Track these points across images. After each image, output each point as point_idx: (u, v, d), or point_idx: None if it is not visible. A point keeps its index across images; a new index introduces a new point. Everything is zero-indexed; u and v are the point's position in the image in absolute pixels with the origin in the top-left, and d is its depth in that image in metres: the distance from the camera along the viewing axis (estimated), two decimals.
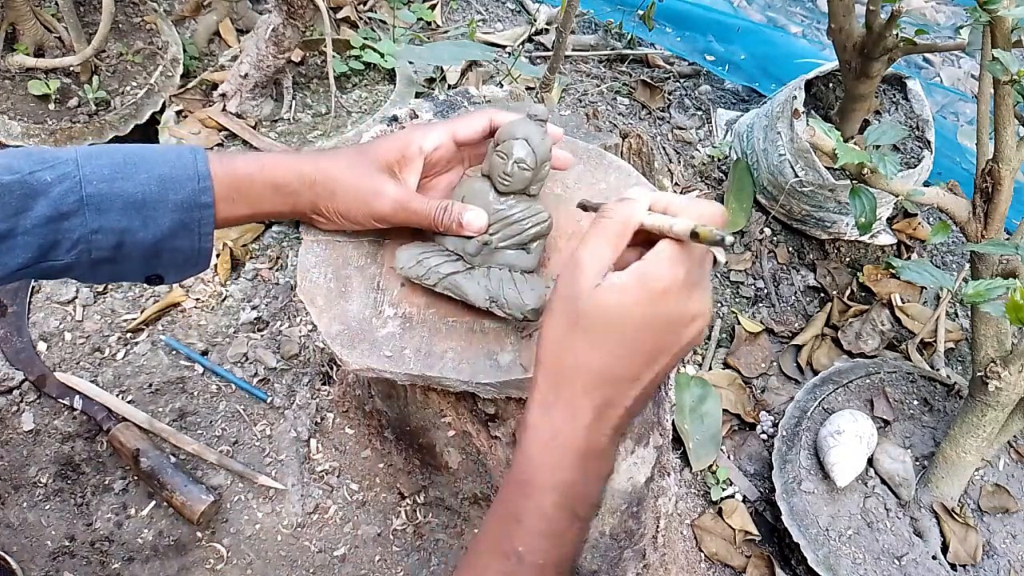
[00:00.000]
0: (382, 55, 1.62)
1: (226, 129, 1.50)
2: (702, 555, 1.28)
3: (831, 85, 1.65)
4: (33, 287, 1.38)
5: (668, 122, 1.88)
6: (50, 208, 0.68)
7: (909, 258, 1.68)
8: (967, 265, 1.55)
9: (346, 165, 0.78)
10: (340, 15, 1.83)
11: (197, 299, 1.40)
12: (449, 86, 1.82)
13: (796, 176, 1.52)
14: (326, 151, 0.82)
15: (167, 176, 0.72)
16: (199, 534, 1.17)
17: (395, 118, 1.04)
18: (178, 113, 1.54)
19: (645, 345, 0.59)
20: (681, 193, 1.59)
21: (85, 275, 0.74)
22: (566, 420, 0.60)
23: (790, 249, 1.66)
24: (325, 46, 1.42)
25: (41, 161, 0.69)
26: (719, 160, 1.77)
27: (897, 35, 1.34)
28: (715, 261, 0.61)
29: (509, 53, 1.96)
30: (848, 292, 1.61)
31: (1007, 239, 1.04)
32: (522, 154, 0.75)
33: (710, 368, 1.50)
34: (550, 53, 1.94)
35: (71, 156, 0.70)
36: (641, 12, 2.10)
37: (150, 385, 1.29)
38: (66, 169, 0.69)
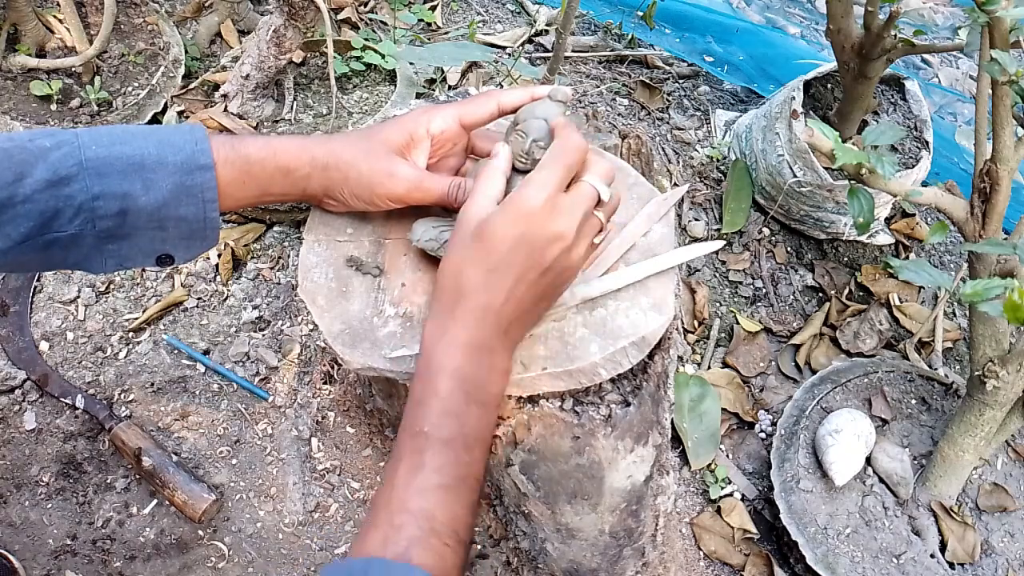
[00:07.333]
0: (383, 56, 1.62)
1: (227, 130, 1.50)
2: (701, 553, 1.29)
3: (829, 86, 1.66)
4: (35, 287, 1.39)
5: (667, 123, 1.88)
6: (49, 172, 0.69)
7: (907, 258, 1.68)
8: (965, 265, 1.56)
9: (358, 149, 0.79)
10: (341, 16, 1.84)
11: (199, 298, 1.40)
12: (450, 87, 1.82)
13: (794, 176, 1.52)
14: (335, 135, 0.83)
15: (164, 140, 0.73)
16: (201, 532, 1.17)
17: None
18: (180, 114, 1.55)
19: (515, 261, 0.70)
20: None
21: (92, 257, 0.74)
22: (453, 321, 0.71)
23: (788, 249, 1.67)
24: (326, 47, 1.42)
25: (42, 132, 0.72)
26: (718, 160, 1.77)
27: (895, 36, 1.35)
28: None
29: (509, 54, 1.96)
30: (846, 292, 1.61)
31: (1005, 239, 1.04)
32: (540, 134, 0.76)
33: (709, 367, 1.50)
34: (550, 54, 1.94)
35: (71, 130, 0.73)
36: (641, 13, 2.10)
37: (152, 384, 1.30)
38: (65, 137, 0.71)
